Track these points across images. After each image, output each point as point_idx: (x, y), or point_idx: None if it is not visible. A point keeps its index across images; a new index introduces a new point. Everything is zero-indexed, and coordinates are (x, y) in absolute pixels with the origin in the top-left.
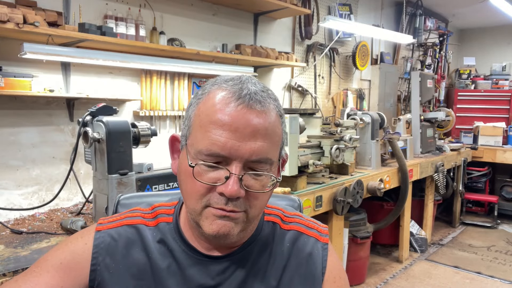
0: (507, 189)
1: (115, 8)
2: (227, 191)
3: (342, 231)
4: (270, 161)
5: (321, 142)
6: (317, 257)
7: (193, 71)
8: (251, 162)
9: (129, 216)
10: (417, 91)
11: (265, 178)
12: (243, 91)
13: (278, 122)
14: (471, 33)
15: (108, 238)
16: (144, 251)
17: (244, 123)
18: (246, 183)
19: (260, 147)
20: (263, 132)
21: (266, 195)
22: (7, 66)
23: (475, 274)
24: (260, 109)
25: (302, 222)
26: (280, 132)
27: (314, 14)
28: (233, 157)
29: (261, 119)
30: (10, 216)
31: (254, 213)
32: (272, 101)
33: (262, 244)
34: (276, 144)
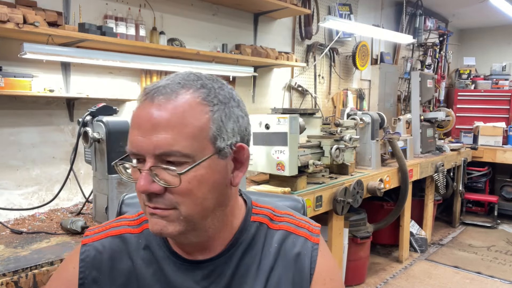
0: (507, 189)
1: (115, 8)
2: (137, 187)
3: (342, 231)
4: (181, 154)
5: (321, 142)
6: (306, 257)
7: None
8: (162, 157)
9: (114, 226)
10: (417, 91)
11: (180, 171)
12: (153, 87)
13: (197, 111)
14: (471, 33)
15: (93, 252)
16: (130, 260)
17: (145, 118)
18: (162, 178)
19: (161, 140)
20: (164, 125)
21: (196, 190)
22: (7, 66)
23: (475, 274)
24: (161, 101)
25: (293, 221)
26: (201, 122)
27: (314, 14)
28: (142, 153)
29: (163, 111)
30: (10, 216)
31: (186, 211)
32: (193, 91)
33: (247, 246)
34: (190, 135)
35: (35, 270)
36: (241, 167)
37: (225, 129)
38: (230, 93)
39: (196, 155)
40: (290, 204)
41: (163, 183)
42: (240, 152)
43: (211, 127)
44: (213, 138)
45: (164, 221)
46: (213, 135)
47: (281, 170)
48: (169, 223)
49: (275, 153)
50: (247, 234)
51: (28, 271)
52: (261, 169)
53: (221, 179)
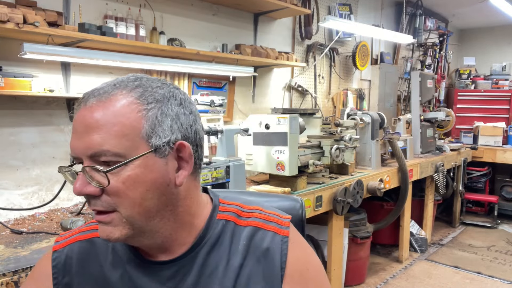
0: (507, 189)
1: (115, 8)
2: (73, 190)
3: (342, 231)
4: (111, 153)
5: (321, 142)
6: (276, 252)
7: (193, 71)
8: (94, 158)
9: (83, 230)
10: (417, 91)
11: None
12: (89, 91)
13: (128, 110)
14: (471, 33)
15: (63, 257)
16: (98, 263)
17: (79, 121)
18: (97, 180)
19: (91, 141)
20: (94, 125)
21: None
22: (7, 66)
23: (475, 274)
24: (92, 103)
25: (261, 216)
26: (131, 120)
27: (314, 14)
28: (78, 155)
29: (93, 113)
30: (10, 216)
31: (127, 212)
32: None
33: (213, 244)
34: (118, 134)
35: None
36: (186, 165)
37: (161, 127)
38: (171, 92)
39: (129, 153)
40: (289, 204)
41: (95, 183)
42: (182, 150)
43: (143, 125)
44: (147, 136)
45: (109, 226)
46: (147, 133)
47: (281, 170)
48: (114, 228)
49: (275, 153)
50: (212, 233)
51: (28, 271)
52: (261, 169)
53: (160, 178)
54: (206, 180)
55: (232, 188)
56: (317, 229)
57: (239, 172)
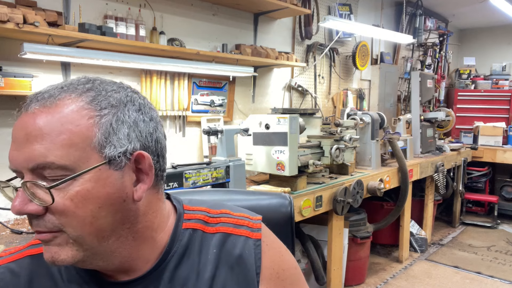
0: (507, 189)
1: (115, 8)
2: (11, 209)
3: (342, 231)
4: (56, 166)
5: (321, 142)
6: (249, 257)
7: (193, 71)
8: (37, 171)
9: (33, 244)
10: (417, 91)
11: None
12: (33, 95)
13: (77, 116)
14: (471, 33)
15: (8, 274)
16: (52, 282)
17: (19, 129)
18: (39, 197)
19: (34, 151)
20: (37, 134)
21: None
22: (7, 66)
23: (475, 274)
24: (36, 108)
25: (230, 220)
26: (81, 128)
27: (314, 14)
28: (18, 169)
29: (36, 120)
30: (10, 216)
31: (75, 232)
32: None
33: (180, 257)
34: (65, 144)
35: None
36: (145, 178)
37: (116, 135)
38: (129, 96)
39: (77, 166)
40: (277, 201)
41: (37, 201)
42: (141, 161)
43: (96, 133)
44: (100, 146)
45: (53, 247)
46: (99, 142)
47: (281, 170)
48: (60, 249)
49: (275, 153)
50: (178, 245)
51: None
52: (261, 169)
53: (115, 193)
54: (206, 180)
55: (232, 188)
56: (317, 229)
57: (239, 172)
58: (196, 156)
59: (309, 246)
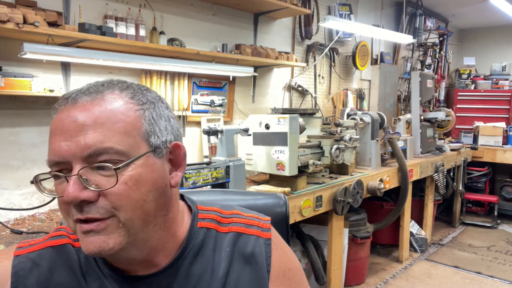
0: (507, 189)
1: (115, 8)
2: (65, 197)
3: (342, 231)
4: (113, 151)
5: (321, 142)
6: (260, 255)
7: (193, 71)
8: (90, 159)
9: (53, 236)
10: (417, 91)
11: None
12: (73, 92)
13: (125, 108)
14: (471, 33)
15: (29, 263)
16: (72, 273)
17: (69, 120)
18: (94, 182)
19: (91, 139)
20: (92, 123)
21: (135, 192)
22: (7, 66)
23: (475, 274)
24: (86, 100)
25: (241, 220)
26: (131, 119)
27: (314, 14)
28: (69, 159)
29: (89, 111)
30: (10, 216)
31: (126, 217)
32: (120, 91)
33: (196, 255)
34: (121, 131)
35: None
36: (179, 167)
37: (158, 126)
38: (158, 96)
39: (131, 152)
40: (272, 201)
41: (94, 187)
42: (176, 151)
43: (143, 123)
44: (147, 135)
45: (102, 235)
46: (146, 131)
47: (281, 170)
48: (109, 237)
49: (275, 153)
50: (194, 243)
51: None
52: (261, 169)
53: (159, 179)
54: (206, 180)
55: (232, 188)
56: (317, 229)
57: (239, 172)
58: (196, 156)
59: (309, 246)
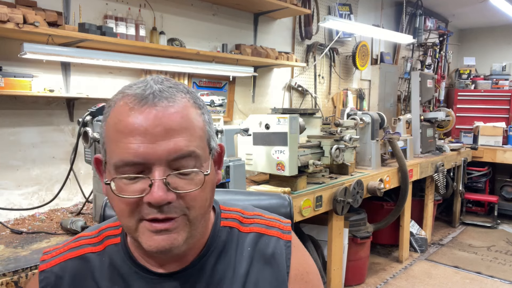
0: (507, 189)
1: (115, 8)
2: (152, 199)
3: (342, 231)
4: (195, 155)
5: (321, 142)
6: (280, 256)
7: (193, 71)
8: (172, 162)
9: (72, 246)
10: (417, 91)
11: (194, 175)
12: (146, 91)
13: (195, 114)
14: (471, 33)
15: (53, 277)
16: (93, 281)
17: (153, 124)
18: (174, 185)
19: (177, 143)
20: (178, 128)
21: (203, 192)
22: (7, 66)
23: (475, 274)
24: (167, 105)
25: (262, 222)
26: (202, 124)
27: (314, 14)
28: (151, 161)
29: (172, 115)
30: (10, 216)
31: (194, 214)
32: (184, 94)
33: (219, 253)
34: (198, 136)
35: (35, 270)
36: (220, 165)
37: (212, 130)
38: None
39: (203, 156)
40: (276, 202)
41: (177, 190)
42: (222, 151)
43: (207, 128)
44: (209, 138)
45: (174, 233)
46: (209, 135)
47: (281, 170)
48: (179, 234)
49: (275, 153)
50: (218, 240)
51: (28, 271)
52: (261, 169)
53: (214, 178)
54: None
55: (232, 188)
56: (317, 229)
57: (239, 172)
58: None
59: (309, 246)
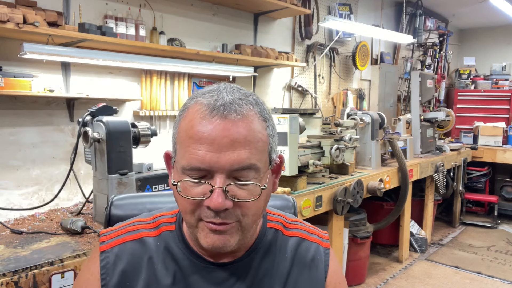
0: (507, 189)
1: (115, 8)
2: (211, 204)
3: (342, 231)
4: (255, 167)
5: (321, 142)
6: (320, 261)
7: (193, 71)
8: (234, 172)
9: (130, 230)
10: (417, 91)
11: (252, 186)
12: (218, 102)
13: (261, 127)
14: (471, 33)
15: (113, 257)
16: (149, 263)
17: (221, 134)
18: (232, 194)
19: (240, 155)
20: (242, 141)
21: (258, 202)
22: (7, 66)
23: (475, 274)
24: (236, 118)
25: (304, 228)
26: (265, 137)
27: (314, 14)
28: (214, 169)
29: (239, 128)
30: (10, 216)
31: (247, 221)
32: (252, 107)
33: (265, 251)
34: (260, 149)
35: (35, 270)
36: (278, 174)
37: (274, 142)
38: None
39: (263, 168)
40: (280, 203)
41: (235, 198)
42: (281, 161)
43: (270, 141)
44: (270, 151)
45: (226, 235)
46: (271, 147)
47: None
48: (231, 236)
49: None
50: (265, 240)
51: (28, 271)
52: None
53: (270, 188)
54: None
55: None
56: None
57: None
58: None
59: None
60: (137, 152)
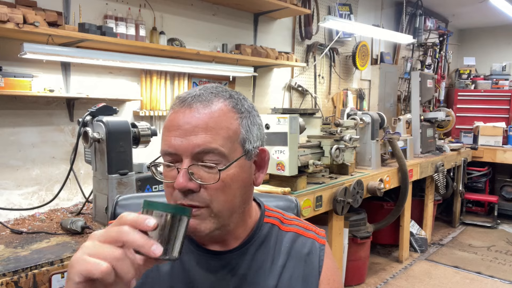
0: (507, 189)
1: (115, 8)
2: (175, 184)
3: (342, 231)
4: (218, 151)
5: (321, 142)
6: (315, 257)
7: (193, 71)
8: (198, 155)
9: None
10: (417, 91)
11: (216, 170)
12: (188, 96)
13: (229, 117)
14: (471, 33)
15: None
16: None
17: (185, 121)
18: (198, 176)
19: (201, 139)
20: (203, 126)
21: (228, 188)
22: (7, 66)
23: (475, 274)
24: (199, 106)
25: (301, 224)
26: (234, 126)
27: (314, 14)
28: (180, 152)
29: (201, 115)
30: (10, 216)
31: (218, 207)
32: (224, 100)
33: (261, 243)
34: (225, 136)
35: (35, 270)
36: (262, 168)
37: (251, 134)
38: (251, 105)
39: (230, 155)
40: (284, 204)
41: (199, 180)
42: (261, 154)
43: (241, 131)
44: (243, 141)
45: (197, 220)
46: (243, 138)
47: (281, 170)
48: (202, 221)
49: (275, 153)
50: (260, 233)
51: (28, 271)
52: None
53: (247, 178)
54: None
55: None
56: None
57: None
58: None
59: None
60: (137, 152)
